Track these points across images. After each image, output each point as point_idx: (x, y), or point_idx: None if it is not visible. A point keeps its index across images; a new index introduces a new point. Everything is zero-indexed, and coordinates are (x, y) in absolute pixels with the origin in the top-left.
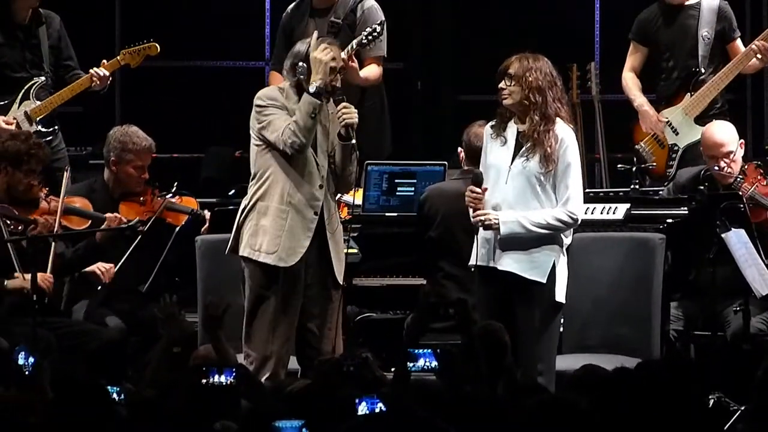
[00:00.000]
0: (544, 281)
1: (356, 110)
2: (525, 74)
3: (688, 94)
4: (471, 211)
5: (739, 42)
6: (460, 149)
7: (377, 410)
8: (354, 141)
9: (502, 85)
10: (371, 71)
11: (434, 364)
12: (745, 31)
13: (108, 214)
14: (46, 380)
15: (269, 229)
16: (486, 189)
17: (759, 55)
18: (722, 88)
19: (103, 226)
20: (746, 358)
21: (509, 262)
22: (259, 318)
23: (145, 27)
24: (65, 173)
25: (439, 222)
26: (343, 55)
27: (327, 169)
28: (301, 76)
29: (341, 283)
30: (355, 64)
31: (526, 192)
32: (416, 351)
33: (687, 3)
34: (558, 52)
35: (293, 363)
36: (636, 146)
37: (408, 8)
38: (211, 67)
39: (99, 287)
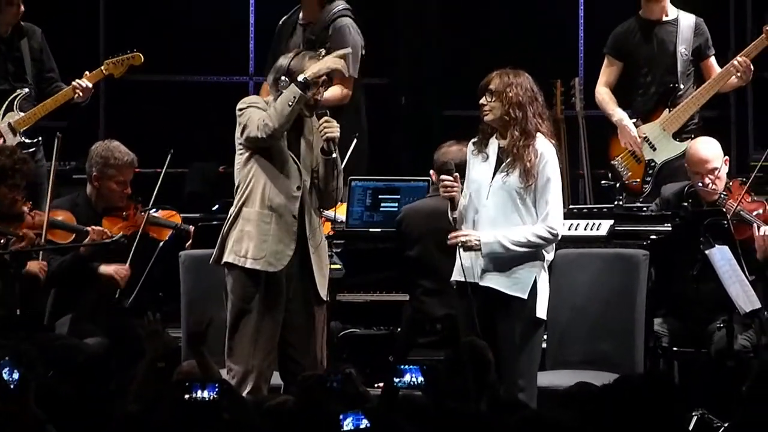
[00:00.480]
0: (526, 297)
1: (338, 125)
2: (506, 90)
3: (667, 109)
4: (449, 211)
5: (713, 60)
6: (432, 171)
7: (362, 426)
8: (336, 155)
9: (483, 101)
10: (329, 94)
11: (420, 379)
12: (729, 47)
13: (93, 227)
14: (31, 395)
15: (254, 234)
16: (457, 175)
17: (738, 73)
18: (702, 104)
19: (87, 240)
20: (730, 375)
21: (491, 278)
22: (241, 331)
23: (129, 41)
24: (56, 139)
25: (416, 240)
26: None
27: (310, 183)
28: (284, 91)
29: (325, 298)
30: None
31: (506, 207)
32: (402, 367)
33: (665, 18)
34: (542, 68)
35: (276, 379)
36: (612, 161)
37: (393, 24)
38: (195, 82)
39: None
